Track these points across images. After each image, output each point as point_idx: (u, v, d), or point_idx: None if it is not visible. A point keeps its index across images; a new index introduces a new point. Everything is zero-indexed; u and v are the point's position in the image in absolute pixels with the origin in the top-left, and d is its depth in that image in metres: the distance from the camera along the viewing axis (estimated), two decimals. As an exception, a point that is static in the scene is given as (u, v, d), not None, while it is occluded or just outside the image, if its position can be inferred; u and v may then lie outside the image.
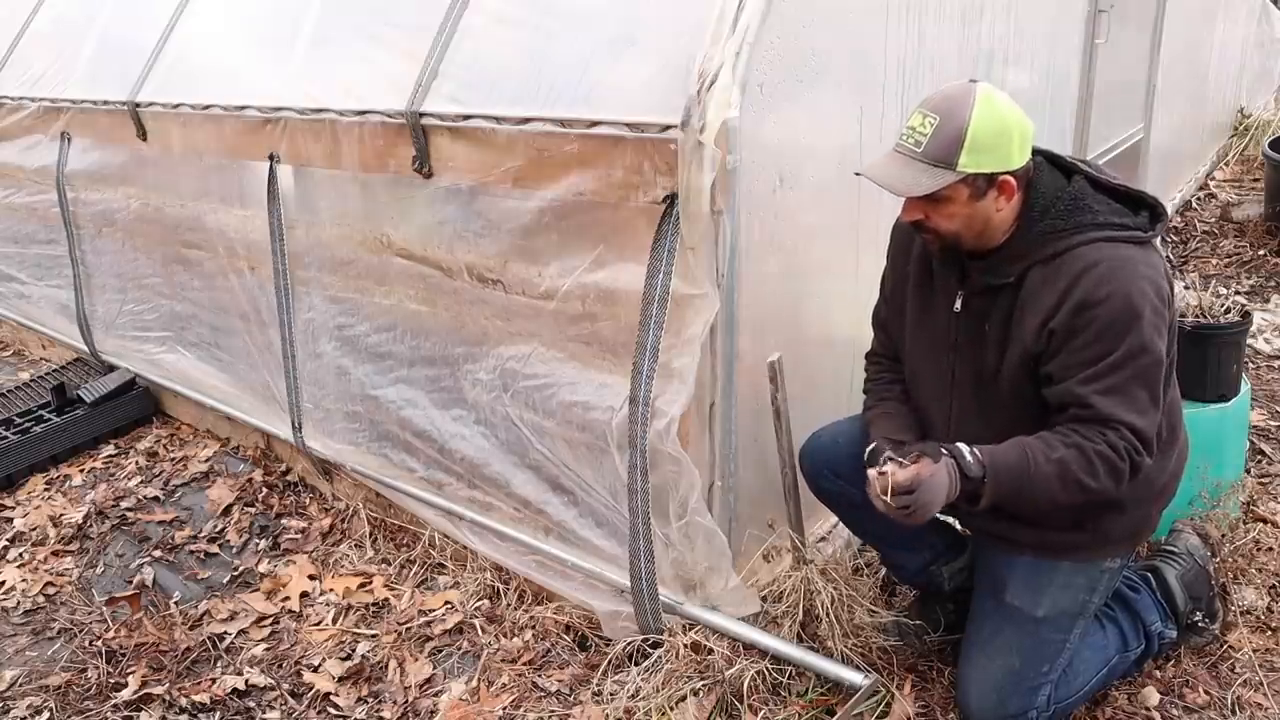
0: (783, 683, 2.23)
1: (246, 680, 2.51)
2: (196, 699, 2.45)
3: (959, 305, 2.01)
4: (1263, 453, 3.20)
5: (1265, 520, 2.73)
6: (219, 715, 2.42)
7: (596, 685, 2.33)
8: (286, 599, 2.82)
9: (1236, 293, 4.47)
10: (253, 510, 3.29)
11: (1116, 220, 1.89)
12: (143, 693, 2.48)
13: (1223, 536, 2.56)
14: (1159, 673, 2.30)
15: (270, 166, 2.95)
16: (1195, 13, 5.46)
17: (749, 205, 2.16)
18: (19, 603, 2.90)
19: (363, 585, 2.84)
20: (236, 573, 2.99)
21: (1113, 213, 1.90)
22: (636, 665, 2.32)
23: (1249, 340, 3.55)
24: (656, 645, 2.33)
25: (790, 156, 2.26)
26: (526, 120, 2.30)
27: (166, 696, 2.46)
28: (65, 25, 4.16)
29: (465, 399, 2.71)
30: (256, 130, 3.00)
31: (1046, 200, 1.91)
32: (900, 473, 1.82)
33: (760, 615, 2.34)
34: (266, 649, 2.64)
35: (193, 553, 3.10)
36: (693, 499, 2.22)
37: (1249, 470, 3.02)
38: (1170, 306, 1.89)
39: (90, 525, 3.25)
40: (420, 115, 2.49)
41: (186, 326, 3.71)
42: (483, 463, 2.70)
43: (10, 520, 3.33)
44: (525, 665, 2.46)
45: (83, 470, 3.62)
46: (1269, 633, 2.39)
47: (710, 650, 2.26)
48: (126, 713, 2.43)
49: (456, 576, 2.81)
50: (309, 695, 2.46)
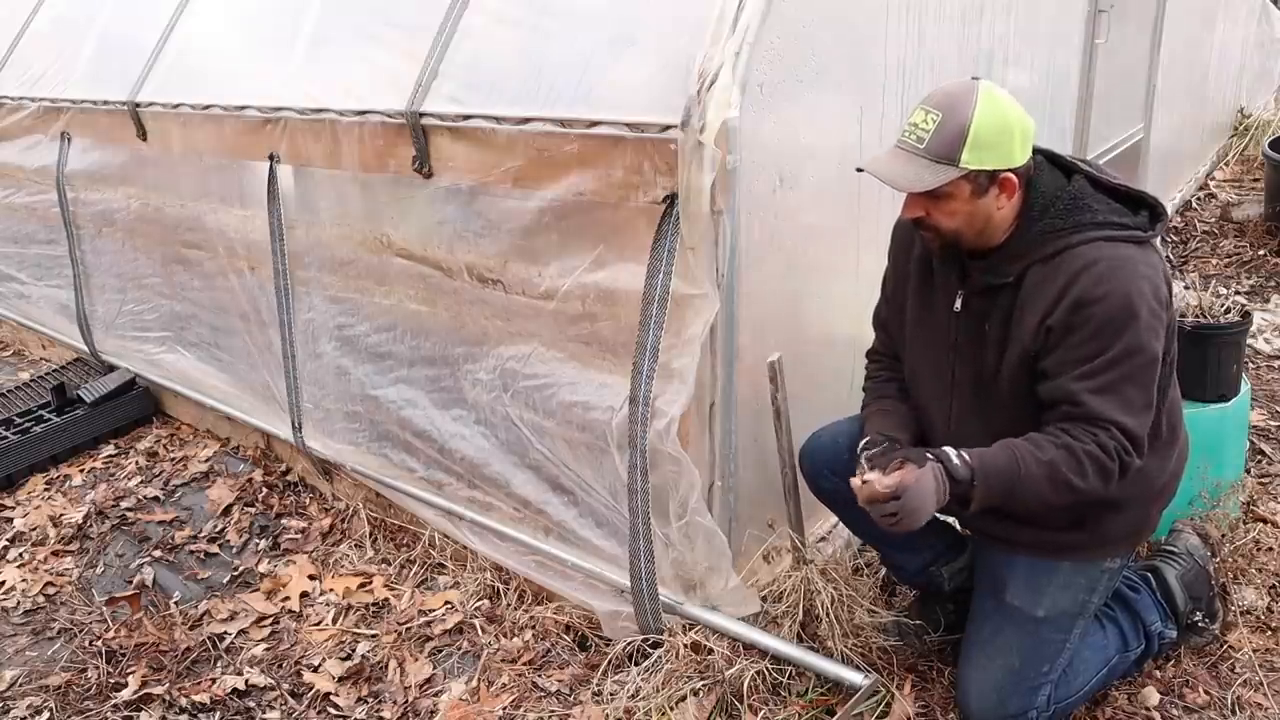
0: (783, 683, 2.23)
1: (246, 680, 2.51)
2: (196, 699, 2.45)
3: (959, 305, 2.01)
4: (1263, 453, 3.20)
5: (1265, 520, 2.73)
6: (219, 715, 2.42)
7: (596, 685, 2.33)
8: (286, 599, 2.82)
9: (1236, 293, 4.47)
10: (253, 510, 3.29)
11: (1116, 220, 1.89)
12: (143, 693, 2.48)
13: (1223, 536, 2.56)
14: (1159, 673, 2.30)
15: (270, 166, 2.95)
16: (1195, 13, 5.45)
17: (749, 205, 2.16)
18: (19, 603, 2.90)
19: (363, 585, 2.84)
20: (236, 573, 2.99)
21: (1112, 212, 1.90)
22: (636, 665, 2.32)
23: (1249, 340, 3.55)
24: (656, 645, 2.33)
25: (790, 156, 2.26)
26: (526, 120, 2.30)
27: (166, 696, 2.46)
28: (65, 25, 4.16)
29: (465, 399, 2.71)
30: (256, 130, 3.00)
31: (1046, 199, 1.91)
32: (883, 480, 1.82)
33: (760, 615, 2.34)
34: (266, 649, 2.64)
35: (193, 553, 3.10)
36: (693, 499, 2.22)
37: (1249, 470, 3.01)
38: (1168, 307, 1.89)
39: (90, 525, 3.25)
40: (420, 115, 2.49)
41: (186, 326, 3.71)
42: (483, 463, 2.70)
43: (10, 520, 3.33)
44: (525, 665, 2.46)
45: (83, 470, 3.62)
46: (1269, 633, 2.39)
47: (710, 650, 2.26)
48: (126, 713, 2.43)
49: (456, 576, 2.80)
50: (309, 695, 2.46)
